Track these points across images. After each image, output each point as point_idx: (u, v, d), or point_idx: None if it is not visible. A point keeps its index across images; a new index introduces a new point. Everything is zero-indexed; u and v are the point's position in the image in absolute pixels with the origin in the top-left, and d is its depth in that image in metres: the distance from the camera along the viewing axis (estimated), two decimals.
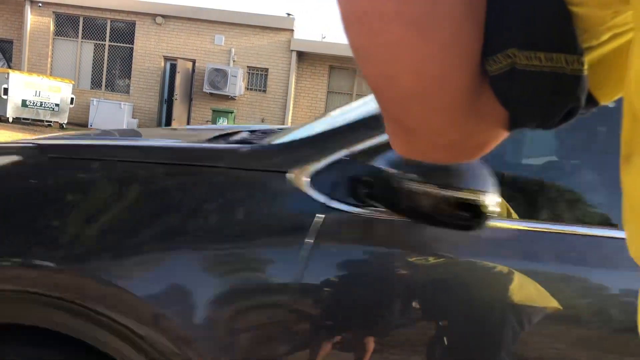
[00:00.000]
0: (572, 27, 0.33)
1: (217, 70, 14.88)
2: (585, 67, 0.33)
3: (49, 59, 15.91)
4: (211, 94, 15.18)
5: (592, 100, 0.38)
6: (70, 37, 16.05)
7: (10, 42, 16.10)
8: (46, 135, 1.76)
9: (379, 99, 0.38)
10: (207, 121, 14.70)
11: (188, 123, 15.50)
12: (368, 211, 1.10)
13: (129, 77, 15.91)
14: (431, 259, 1.10)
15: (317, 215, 1.10)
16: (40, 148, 1.27)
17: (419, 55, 0.33)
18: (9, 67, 15.18)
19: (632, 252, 0.34)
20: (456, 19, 0.32)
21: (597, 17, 0.33)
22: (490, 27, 0.33)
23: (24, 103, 12.72)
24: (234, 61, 15.36)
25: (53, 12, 15.75)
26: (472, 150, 0.42)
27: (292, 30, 15.23)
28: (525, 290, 1.09)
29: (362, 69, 0.37)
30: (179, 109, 15.11)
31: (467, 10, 0.32)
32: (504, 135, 0.41)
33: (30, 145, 1.28)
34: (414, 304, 1.10)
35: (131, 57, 15.80)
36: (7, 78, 12.30)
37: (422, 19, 0.31)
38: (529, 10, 0.32)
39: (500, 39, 0.33)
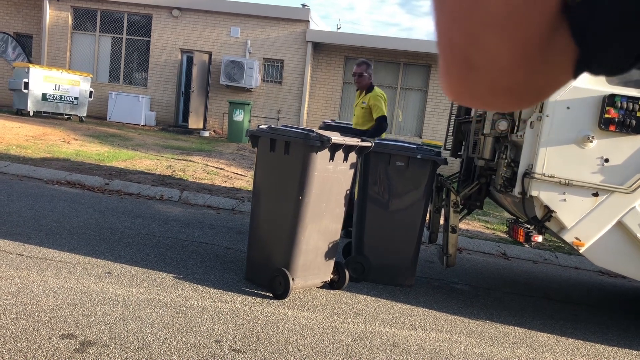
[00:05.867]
0: None
1: (233, 62, 14.91)
2: None
3: (68, 53, 16.09)
4: (227, 86, 15.23)
5: None
6: (88, 31, 16.21)
7: (30, 37, 16.31)
8: None
9: (451, 32, 0.38)
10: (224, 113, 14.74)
11: (205, 115, 15.58)
12: None
13: (147, 70, 16.03)
14: None
15: None
16: None
17: None
18: (29, 61, 15.39)
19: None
20: None
21: None
22: None
23: (44, 97, 12.89)
24: (249, 53, 15.38)
25: (71, 6, 15.90)
26: (531, 95, 0.42)
27: (308, 21, 15.19)
28: None
29: None
30: (196, 101, 15.20)
31: None
32: (567, 81, 0.41)
33: None
34: None
35: (148, 50, 15.91)
36: (28, 72, 12.47)
37: None
38: None
39: None
